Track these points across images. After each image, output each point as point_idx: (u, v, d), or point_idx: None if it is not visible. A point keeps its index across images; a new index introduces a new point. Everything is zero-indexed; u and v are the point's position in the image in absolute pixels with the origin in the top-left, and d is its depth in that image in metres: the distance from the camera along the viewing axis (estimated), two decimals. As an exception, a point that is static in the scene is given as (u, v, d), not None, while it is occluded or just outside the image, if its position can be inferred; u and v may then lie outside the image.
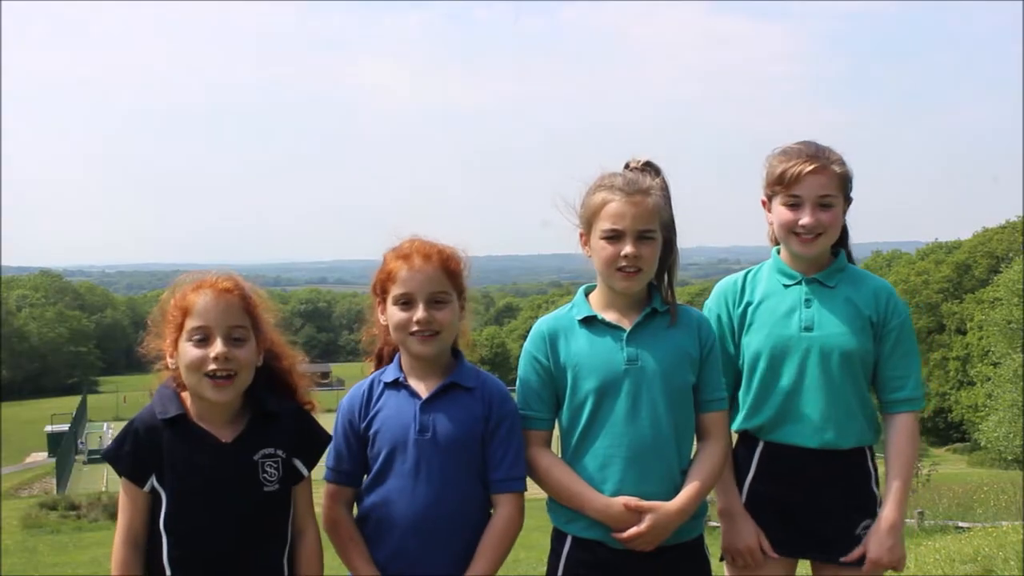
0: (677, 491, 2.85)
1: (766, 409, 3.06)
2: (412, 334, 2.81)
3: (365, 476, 2.88)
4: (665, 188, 2.95)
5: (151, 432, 2.59)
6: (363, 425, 2.86)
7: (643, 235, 2.84)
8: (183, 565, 2.56)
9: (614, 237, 2.85)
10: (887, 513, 3.01)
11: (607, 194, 2.87)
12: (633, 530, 2.79)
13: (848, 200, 3.08)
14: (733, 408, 3.15)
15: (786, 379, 3.03)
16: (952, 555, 8.46)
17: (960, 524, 15.08)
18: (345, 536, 2.83)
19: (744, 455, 3.14)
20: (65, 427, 46.43)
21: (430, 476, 2.77)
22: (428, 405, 2.82)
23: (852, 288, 3.07)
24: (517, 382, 3.05)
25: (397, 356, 2.93)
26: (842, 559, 3.02)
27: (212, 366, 2.57)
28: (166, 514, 2.57)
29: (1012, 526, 11.06)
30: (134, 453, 2.59)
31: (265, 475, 2.63)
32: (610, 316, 2.94)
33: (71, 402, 63.18)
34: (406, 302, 2.81)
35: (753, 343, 3.08)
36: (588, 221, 2.92)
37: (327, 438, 2.82)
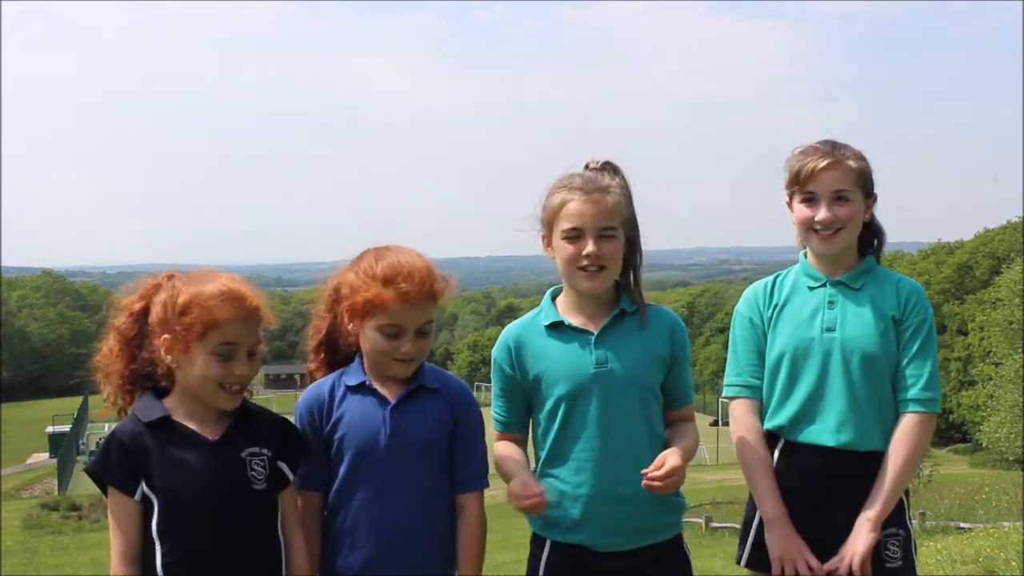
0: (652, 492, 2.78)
1: (787, 409, 3.04)
2: (395, 360, 2.78)
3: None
4: (625, 187, 2.93)
5: (135, 438, 2.58)
6: (327, 429, 2.82)
7: (604, 233, 2.83)
8: (177, 569, 2.53)
9: (575, 236, 2.84)
10: (863, 516, 2.90)
11: (566, 194, 2.86)
12: (661, 471, 2.70)
13: (869, 196, 3.05)
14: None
15: (807, 380, 3.01)
16: (953, 556, 8.48)
17: (961, 525, 15.05)
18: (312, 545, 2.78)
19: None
20: (66, 428, 46.29)
21: (404, 479, 2.76)
22: (398, 409, 2.80)
23: (877, 289, 3.04)
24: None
25: (358, 357, 2.89)
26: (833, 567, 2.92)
27: (232, 382, 2.62)
28: (158, 518, 2.55)
29: (1013, 527, 11.04)
30: (121, 462, 2.57)
31: (253, 472, 2.63)
32: (577, 320, 2.92)
33: (72, 403, 63.10)
34: (394, 334, 2.77)
35: (776, 344, 3.06)
36: (549, 223, 2.91)
37: (309, 442, 2.79)
